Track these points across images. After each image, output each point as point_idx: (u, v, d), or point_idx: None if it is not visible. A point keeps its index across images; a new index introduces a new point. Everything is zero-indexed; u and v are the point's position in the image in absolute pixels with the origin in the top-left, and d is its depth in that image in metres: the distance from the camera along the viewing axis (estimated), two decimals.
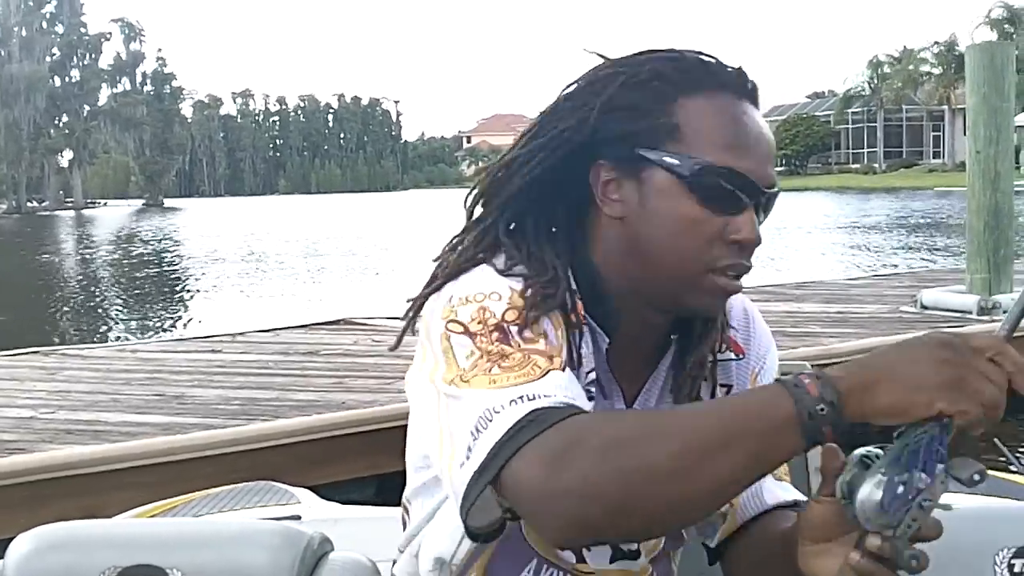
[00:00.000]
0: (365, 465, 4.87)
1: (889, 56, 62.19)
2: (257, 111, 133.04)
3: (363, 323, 7.87)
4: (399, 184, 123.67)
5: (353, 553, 1.35)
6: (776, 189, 1.08)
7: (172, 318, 13.96)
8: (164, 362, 6.49)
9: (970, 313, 7.19)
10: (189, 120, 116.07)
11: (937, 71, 59.35)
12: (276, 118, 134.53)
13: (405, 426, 4.83)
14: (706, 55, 1.11)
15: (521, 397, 0.94)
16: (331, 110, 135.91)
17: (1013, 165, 7.77)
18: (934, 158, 59.04)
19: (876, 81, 61.80)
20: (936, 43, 59.30)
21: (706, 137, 1.05)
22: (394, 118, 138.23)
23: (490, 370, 0.97)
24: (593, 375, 1.09)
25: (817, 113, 65.56)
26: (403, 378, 4.87)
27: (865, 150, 61.44)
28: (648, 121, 1.06)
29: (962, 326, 6.83)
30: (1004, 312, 7.04)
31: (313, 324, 7.92)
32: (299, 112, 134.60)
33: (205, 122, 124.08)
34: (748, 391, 1.00)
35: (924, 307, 7.61)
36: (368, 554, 1.34)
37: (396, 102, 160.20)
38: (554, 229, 1.12)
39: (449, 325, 1.02)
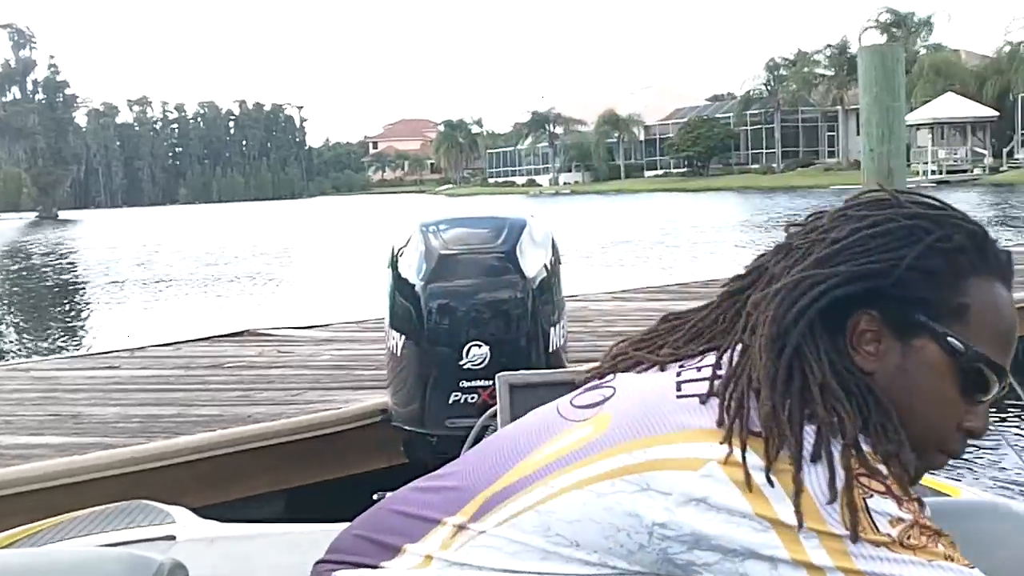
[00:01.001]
0: (273, 480, 4.75)
1: (785, 59, 63.64)
2: (155, 119, 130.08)
3: (268, 334, 7.71)
4: (305, 191, 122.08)
5: None
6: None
7: (67, 335, 13.51)
8: (59, 380, 6.25)
9: None
10: (84, 129, 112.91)
11: (830, 73, 60.92)
12: (175, 126, 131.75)
13: (314, 438, 4.68)
14: (999, 246, 1.13)
15: None
16: (232, 117, 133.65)
17: (905, 162, 7.99)
18: (829, 157, 60.51)
19: (773, 83, 63.19)
20: (829, 46, 60.92)
21: (988, 328, 1.07)
22: (298, 124, 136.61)
23: (936, 545, 0.97)
24: None
25: (718, 115, 66.70)
26: (312, 389, 4.76)
27: (764, 151, 62.67)
28: (942, 293, 1.07)
29: None
30: None
31: (216, 336, 7.72)
32: (199, 119, 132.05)
33: (101, 131, 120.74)
34: None
35: None
36: (243, 573, 1.27)
37: (300, 107, 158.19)
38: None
39: (863, 480, 0.98)
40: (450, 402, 3.75)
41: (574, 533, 1.04)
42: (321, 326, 8.00)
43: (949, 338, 1.06)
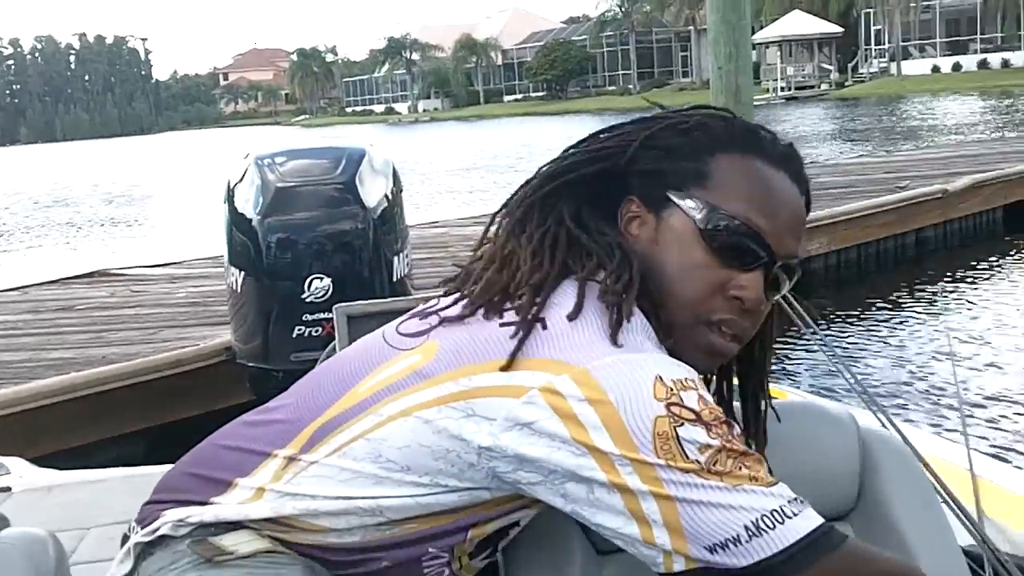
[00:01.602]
0: (134, 419, 4.69)
1: None
2: None
3: (120, 274, 7.51)
4: (154, 126, 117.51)
5: (29, 528, 1.25)
6: (796, 263, 1.12)
7: None
8: None
9: None
10: None
11: None
12: (11, 62, 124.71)
13: (174, 375, 4.63)
14: (765, 129, 1.14)
15: (796, 500, 1.00)
16: (72, 51, 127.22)
17: (752, 80, 8.20)
18: (683, 77, 61.35)
19: (627, 5, 63.53)
20: None
21: (732, 191, 1.09)
22: (143, 56, 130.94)
23: (739, 468, 0.99)
24: None
25: (574, 38, 66.73)
26: (168, 327, 4.69)
27: (620, 72, 63.10)
28: (681, 164, 1.11)
29: None
30: None
31: (65, 279, 7.48)
32: (36, 54, 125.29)
33: None
34: None
35: None
36: (82, 520, 1.25)
37: (144, 39, 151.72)
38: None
39: (674, 409, 0.99)
40: (293, 336, 3.75)
41: (404, 458, 1.08)
42: (175, 263, 7.82)
43: (687, 201, 1.09)
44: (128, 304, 6.29)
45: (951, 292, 7.72)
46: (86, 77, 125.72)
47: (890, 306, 7.39)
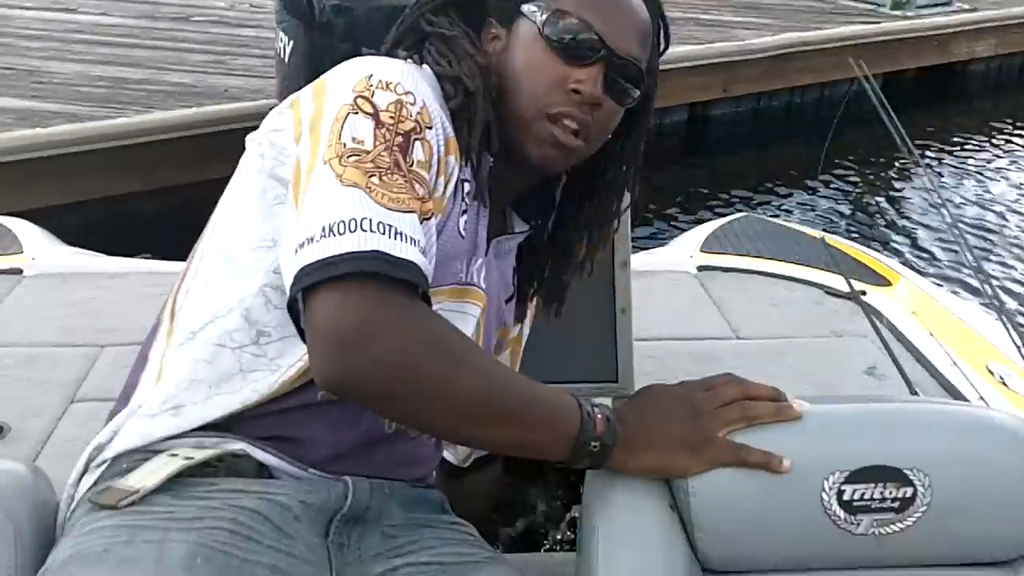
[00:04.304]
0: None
1: None
2: None
3: None
4: None
5: (13, 463, 1.11)
6: (631, 59, 1.13)
7: None
8: (9, 21, 5.72)
9: (884, 7, 7.06)
10: None
11: None
12: None
13: None
14: None
15: (387, 226, 0.93)
16: None
17: None
18: None
19: None
20: None
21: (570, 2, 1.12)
22: None
23: (370, 176, 0.95)
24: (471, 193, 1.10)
25: None
26: None
27: None
28: None
29: (876, 22, 6.65)
30: (917, 7, 6.77)
31: None
32: None
33: None
34: (553, 392, 1.01)
35: None
36: (95, 336, 1.10)
37: None
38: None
39: (359, 101, 1.00)
40: None
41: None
42: None
43: (531, 6, 1.13)
44: (248, 22, 5.93)
45: None
46: None
47: None
